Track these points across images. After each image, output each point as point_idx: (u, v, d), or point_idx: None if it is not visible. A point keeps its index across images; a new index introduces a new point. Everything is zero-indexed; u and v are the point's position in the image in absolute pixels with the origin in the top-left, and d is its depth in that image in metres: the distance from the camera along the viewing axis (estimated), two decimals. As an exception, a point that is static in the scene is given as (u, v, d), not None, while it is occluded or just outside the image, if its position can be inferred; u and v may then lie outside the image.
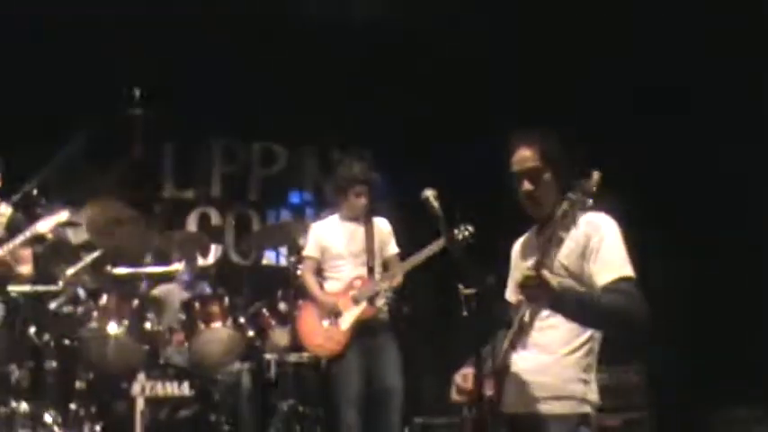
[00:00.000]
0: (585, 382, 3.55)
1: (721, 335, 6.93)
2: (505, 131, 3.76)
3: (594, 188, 3.33)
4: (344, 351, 6.04)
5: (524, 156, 3.62)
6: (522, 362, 3.51)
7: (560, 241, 3.31)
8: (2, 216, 5.96)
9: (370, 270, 6.16)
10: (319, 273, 6.36)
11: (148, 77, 7.70)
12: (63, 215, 6.00)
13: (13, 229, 5.93)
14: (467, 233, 5.76)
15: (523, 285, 3.28)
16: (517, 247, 3.90)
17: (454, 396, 3.67)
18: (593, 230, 3.48)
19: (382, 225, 6.29)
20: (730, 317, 7.00)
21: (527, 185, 3.60)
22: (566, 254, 3.43)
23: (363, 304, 6.07)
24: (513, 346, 3.48)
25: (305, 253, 6.41)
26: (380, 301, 6.18)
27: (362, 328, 6.08)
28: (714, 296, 7.03)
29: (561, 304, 3.35)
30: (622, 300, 3.34)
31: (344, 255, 6.22)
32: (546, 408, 3.49)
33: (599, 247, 3.46)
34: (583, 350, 3.55)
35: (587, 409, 3.53)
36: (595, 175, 3.34)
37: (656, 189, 7.39)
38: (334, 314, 6.10)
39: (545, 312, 3.47)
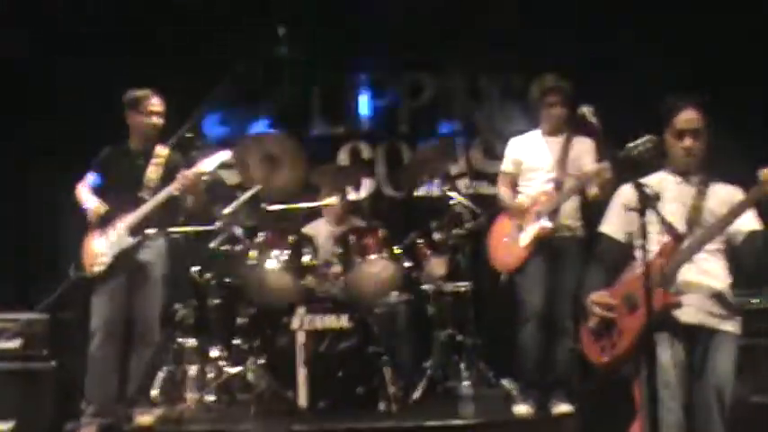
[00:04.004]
0: None
1: None
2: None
3: None
4: (523, 266, 5.94)
5: (692, 117, 4.20)
6: (701, 280, 4.16)
7: (708, 193, 4.25)
8: (159, 156, 6.08)
9: (558, 186, 5.97)
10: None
11: (292, 16, 7.74)
12: (226, 154, 6.10)
13: (171, 168, 6.05)
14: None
15: None
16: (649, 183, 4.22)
17: (601, 313, 4.24)
18: (739, 193, 4.23)
19: (582, 141, 6.00)
20: None
21: (689, 142, 4.21)
22: (718, 202, 4.22)
23: (543, 220, 5.92)
24: (680, 262, 4.11)
25: (501, 168, 6.35)
26: (570, 220, 6.02)
27: (544, 246, 5.93)
28: None
29: None
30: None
31: (536, 169, 6.07)
32: (726, 326, 4.17)
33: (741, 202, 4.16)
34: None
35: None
36: None
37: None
38: (518, 229, 6.00)
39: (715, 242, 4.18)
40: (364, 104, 8.62)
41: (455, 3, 7.98)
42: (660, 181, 4.35)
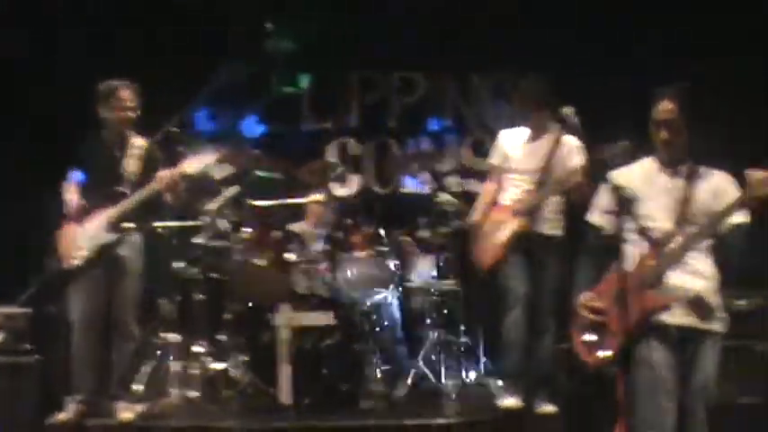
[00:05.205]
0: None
1: None
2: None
3: None
4: (500, 264, 5.85)
5: (667, 108, 4.11)
6: (687, 281, 4.07)
7: (697, 184, 4.14)
8: (138, 149, 6.00)
9: (539, 185, 5.85)
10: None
11: (284, 12, 7.72)
12: (211, 157, 5.98)
13: (151, 160, 5.97)
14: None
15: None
16: (631, 177, 4.24)
17: (590, 317, 4.21)
18: (728, 181, 4.15)
19: (569, 141, 5.85)
20: None
21: (664, 133, 4.13)
22: (707, 194, 4.12)
23: (520, 218, 5.83)
24: (669, 264, 4.05)
25: (488, 161, 6.25)
26: (550, 220, 5.90)
27: (523, 244, 5.83)
28: None
29: None
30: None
31: (521, 168, 5.95)
32: (714, 326, 4.11)
33: (733, 194, 4.05)
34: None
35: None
36: None
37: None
38: (498, 226, 5.91)
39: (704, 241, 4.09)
40: (354, 100, 8.58)
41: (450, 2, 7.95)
42: (648, 171, 4.30)
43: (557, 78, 5.97)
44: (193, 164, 5.87)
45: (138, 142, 5.98)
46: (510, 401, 5.77)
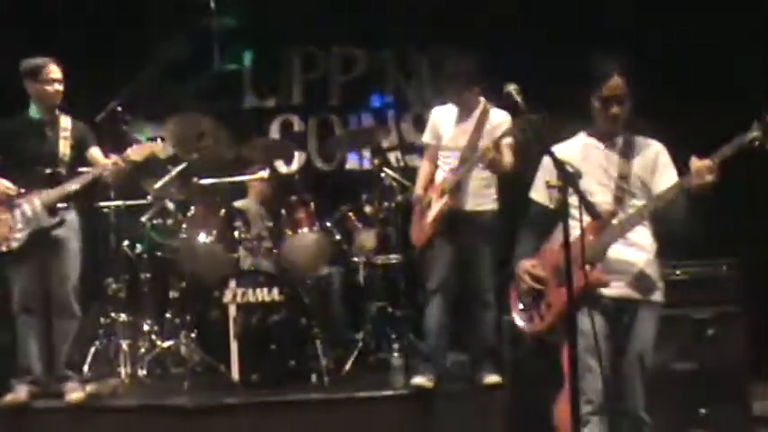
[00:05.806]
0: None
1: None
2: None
3: None
4: (430, 241, 5.93)
5: (618, 84, 4.18)
6: (628, 255, 4.20)
7: (633, 157, 4.28)
8: (65, 129, 5.95)
9: (463, 161, 5.84)
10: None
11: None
12: (158, 146, 5.97)
13: (80, 139, 5.95)
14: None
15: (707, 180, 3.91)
16: (571, 153, 4.30)
17: (530, 283, 4.31)
18: (660, 150, 4.31)
19: (496, 117, 5.88)
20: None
21: (616, 109, 4.20)
22: (642, 166, 4.27)
23: (446, 196, 5.87)
24: (611, 239, 4.17)
25: (423, 139, 6.25)
26: (478, 196, 5.88)
27: (450, 221, 5.85)
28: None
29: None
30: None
31: (451, 146, 5.96)
32: (652, 296, 4.25)
33: (666, 162, 4.27)
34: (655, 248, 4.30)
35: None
36: None
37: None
38: (428, 205, 5.97)
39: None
40: (296, 77, 8.58)
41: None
42: (583, 147, 4.37)
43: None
44: (139, 152, 5.87)
45: (67, 122, 5.96)
46: (420, 380, 5.83)
